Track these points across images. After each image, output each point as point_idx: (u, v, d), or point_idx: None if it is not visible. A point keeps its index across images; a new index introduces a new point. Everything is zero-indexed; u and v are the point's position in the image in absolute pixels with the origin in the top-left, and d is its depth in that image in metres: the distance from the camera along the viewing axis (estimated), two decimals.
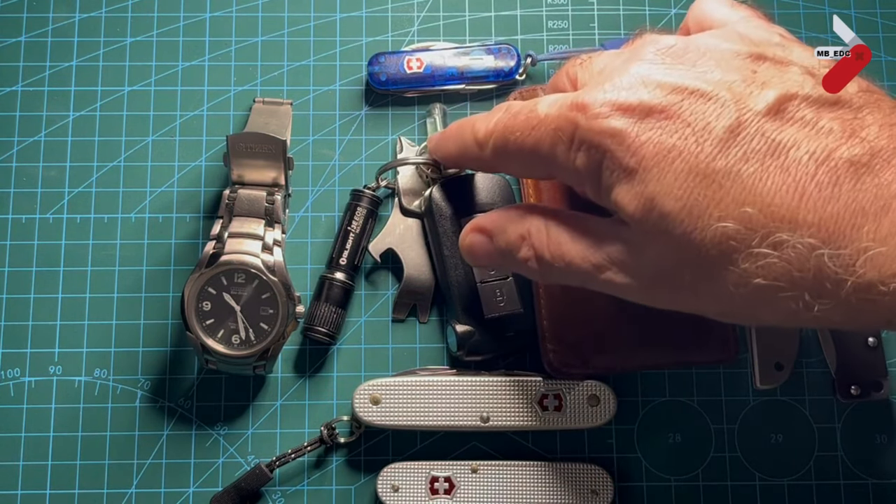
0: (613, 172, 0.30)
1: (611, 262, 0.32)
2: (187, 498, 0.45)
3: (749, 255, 0.28)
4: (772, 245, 0.28)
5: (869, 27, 0.51)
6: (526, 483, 0.43)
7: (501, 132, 0.34)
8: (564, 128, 0.32)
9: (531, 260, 0.34)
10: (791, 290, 0.28)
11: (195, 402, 0.46)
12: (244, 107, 0.49)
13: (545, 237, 0.34)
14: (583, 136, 0.31)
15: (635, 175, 0.30)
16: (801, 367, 0.47)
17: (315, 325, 0.45)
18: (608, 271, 0.32)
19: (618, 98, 0.31)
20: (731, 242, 0.28)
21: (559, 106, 0.32)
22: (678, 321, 0.44)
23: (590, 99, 0.31)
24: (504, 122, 0.34)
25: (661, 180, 0.29)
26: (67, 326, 0.46)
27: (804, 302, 0.28)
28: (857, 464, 0.46)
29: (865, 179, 0.27)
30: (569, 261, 0.33)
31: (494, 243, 0.36)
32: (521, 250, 0.35)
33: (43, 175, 0.48)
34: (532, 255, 0.34)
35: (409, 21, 0.50)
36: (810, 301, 0.28)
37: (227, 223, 0.43)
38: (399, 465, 0.44)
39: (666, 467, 0.46)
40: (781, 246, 0.28)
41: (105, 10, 0.50)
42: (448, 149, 0.39)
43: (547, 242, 0.34)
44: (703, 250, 0.29)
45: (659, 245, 0.30)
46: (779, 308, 0.29)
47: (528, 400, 0.44)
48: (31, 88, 0.49)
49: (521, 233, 0.35)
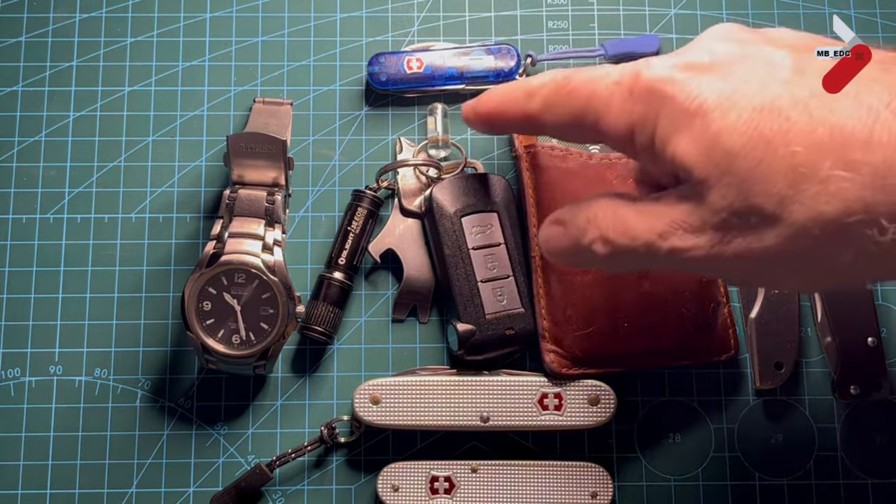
0: (673, 120, 0.30)
1: (675, 225, 0.31)
2: (187, 498, 0.45)
3: (819, 180, 0.27)
4: (844, 166, 0.27)
5: (869, 27, 0.51)
6: (526, 483, 0.44)
7: (559, 82, 0.34)
8: (625, 80, 0.32)
9: (597, 242, 0.33)
10: (865, 214, 0.27)
11: (195, 402, 0.46)
12: (244, 107, 0.49)
13: (611, 217, 0.33)
14: (643, 84, 0.31)
15: (696, 118, 0.29)
16: (801, 367, 0.47)
17: (312, 324, 0.45)
18: (673, 237, 0.31)
19: (680, 59, 0.31)
20: (801, 169, 0.27)
21: (622, 66, 0.33)
22: (678, 321, 0.45)
23: (654, 59, 0.32)
24: (564, 73, 0.34)
25: (724, 119, 0.29)
26: (67, 326, 0.46)
27: (880, 227, 0.27)
28: (857, 464, 0.46)
29: None
30: (633, 235, 0.32)
31: (567, 232, 0.35)
32: (587, 234, 0.34)
33: (43, 175, 0.48)
34: (598, 237, 0.33)
35: (409, 21, 0.50)
36: (886, 226, 0.26)
37: (228, 223, 0.43)
38: (399, 464, 0.44)
39: (666, 467, 0.46)
40: (855, 166, 0.27)
41: (105, 10, 0.50)
42: (489, 102, 0.37)
43: (613, 221, 0.33)
44: (770, 184, 0.28)
45: (722, 188, 0.29)
46: (850, 240, 0.27)
47: (528, 400, 0.44)
48: (31, 88, 0.49)
49: (587, 216, 0.34)
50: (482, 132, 0.40)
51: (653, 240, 0.31)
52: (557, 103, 0.34)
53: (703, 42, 0.32)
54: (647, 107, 0.31)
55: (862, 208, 0.27)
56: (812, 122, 0.28)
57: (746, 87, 0.29)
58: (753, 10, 0.51)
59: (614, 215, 0.33)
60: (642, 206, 0.32)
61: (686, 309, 0.45)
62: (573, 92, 0.33)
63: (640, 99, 0.31)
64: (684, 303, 0.45)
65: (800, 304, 0.46)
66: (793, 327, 0.46)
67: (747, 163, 0.28)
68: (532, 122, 0.36)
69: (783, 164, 0.28)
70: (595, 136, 0.33)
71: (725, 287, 0.46)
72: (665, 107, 0.30)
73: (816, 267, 0.29)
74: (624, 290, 0.44)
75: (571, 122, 0.34)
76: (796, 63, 0.29)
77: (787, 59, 0.30)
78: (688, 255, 0.31)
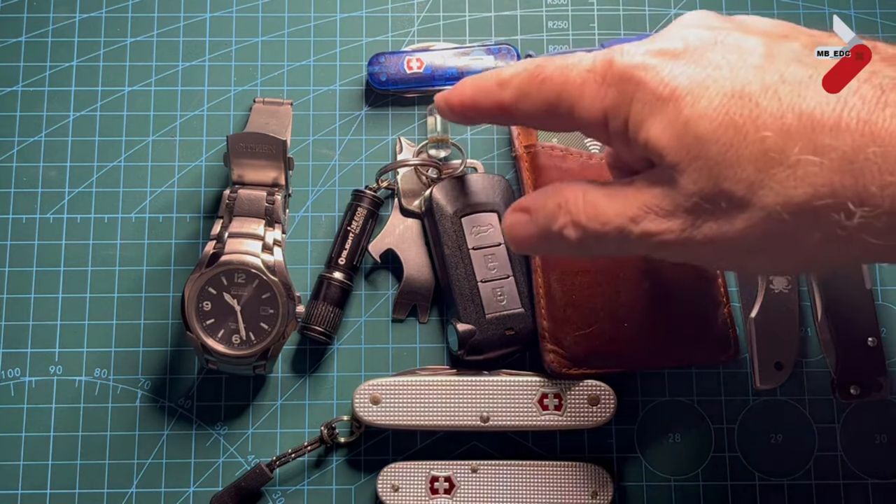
0: (645, 105, 0.30)
1: (646, 209, 0.31)
2: (187, 498, 0.45)
3: (788, 165, 0.28)
4: (813, 150, 0.27)
5: (869, 27, 0.51)
6: (526, 483, 0.44)
7: (531, 71, 0.34)
8: (598, 67, 0.32)
9: (568, 227, 0.33)
10: (832, 198, 0.27)
11: (195, 402, 0.46)
12: (244, 107, 0.49)
13: (581, 201, 0.33)
14: (616, 71, 0.31)
15: (668, 104, 0.30)
16: (801, 367, 0.47)
17: (312, 324, 0.45)
18: (644, 220, 0.31)
19: (653, 46, 0.31)
20: (770, 154, 0.28)
21: (594, 53, 0.33)
22: (678, 321, 0.45)
23: (627, 46, 0.32)
24: (535, 62, 0.34)
25: (695, 105, 0.29)
26: (67, 326, 0.46)
27: (846, 211, 0.27)
28: (857, 464, 0.46)
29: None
30: (604, 220, 0.32)
31: (534, 220, 0.35)
32: (558, 219, 0.34)
33: (43, 175, 0.48)
34: (569, 222, 0.33)
35: (409, 21, 0.50)
36: (853, 210, 0.27)
37: (228, 223, 0.43)
38: (399, 465, 0.44)
39: (666, 467, 0.46)
40: (823, 151, 0.27)
41: (105, 10, 0.50)
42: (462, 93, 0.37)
43: (583, 206, 0.33)
44: (740, 168, 0.28)
45: (693, 172, 0.29)
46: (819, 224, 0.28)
47: (528, 400, 0.44)
48: (31, 88, 0.49)
49: (557, 201, 0.34)
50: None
51: (624, 224, 0.32)
52: (531, 92, 0.34)
53: (677, 29, 0.32)
54: (621, 93, 0.31)
55: (830, 192, 0.27)
56: (781, 108, 0.28)
57: (718, 73, 0.30)
58: (753, 10, 0.51)
59: (585, 200, 0.33)
60: (613, 190, 0.33)
61: (686, 309, 0.45)
62: (546, 80, 0.33)
63: (614, 85, 0.31)
64: (684, 303, 0.45)
65: (800, 304, 0.46)
66: (793, 327, 0.46)
67: (718, 147, 0.29)
68: (506, 112, 0.35)
69: (753, 150, 0.28)
70: (570, 123, 0.34)
71: (725, 287, 0.46)
72: (638, 92, 0.31)
73: (786, 250, 0.30)
74: (624, 291, 0.44)
75: (546, 110, 0.34)
76: (767, 49, 0.30)
77: (759, 45, 0.30)
78: (659, 239, 0.31)
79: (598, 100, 0.32)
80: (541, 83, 0.33)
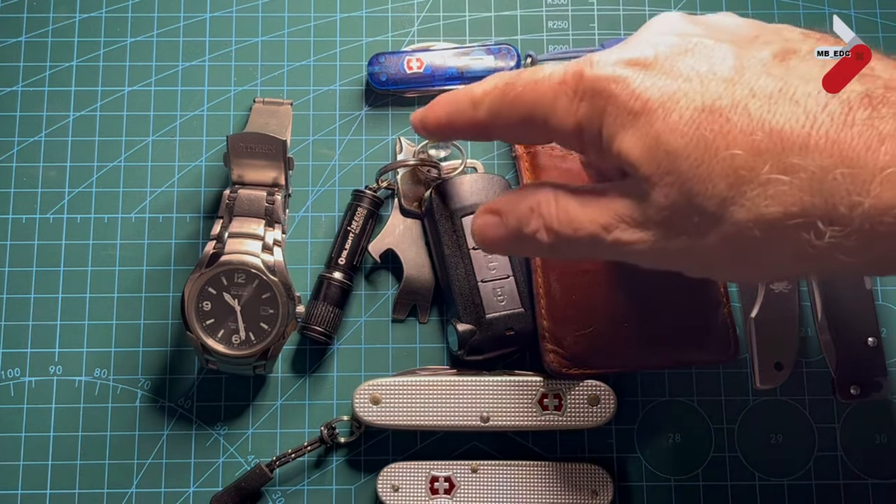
0: (617, 118, 0.30)
1: (618, 218, 0.31)
2: (187, 498, 0.45)
3: (759, 183, 0.28)
4: (782, 170, 0.27)
5: (869, 27, 0.51)
6: (526, 483, 0.44)
7: (502, 88, 0.34)
8: (569, 80, 0.32)
9: (540, 231, 0.33)
10: (803, 217, 0.27)
11: (195, 402, 0.46)
12: (244, 107, 0.49)
13: (553, 206, 0.33)
14: (587, 84, 0.31)
15: (640, 117, 0.30)
16: (801, 367, 0.47)
17: (312, 325, 0.45)
18: (616, 230, 0.31)
19: (623, 55, 0.31)
20: (741, 172, 0.28)
21: (565, 65, 0.33)
22: (678, 321, 0.45)
23: (597, 56, 0.32)
24: (506, 79, 0.34)
25: (666, 119, 0.29)
26: (67, 326, 0.46)
27: (816, 231, 0.27)
28: (857, 464, 0.46)
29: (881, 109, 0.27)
30: (577, 226, 0.32)
31: (505, 222, 0.35)
32: (530, 223, 0.34)
33: (43, 175, 0.48)
34: (541, 226, 0.33)
35: (409, 21, 0.50)
36: (823, 229, 0.27)
37: (228, 223, 0.43)
38: (399, 465, 0.44)
39: (666, 467, 0.46)
40: (793, 170, 0.27)
41: (105, 10, 0.50)
42: (436, 113, 0.37)
43: (556, 211, 0.33)
44: (711, 184, 0.28)
45: (665, 186, 0.30)
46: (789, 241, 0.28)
47: (528, 400, 0.44)
48: (31, 88, 0.49)
49: (530, 205, 0.34)
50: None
51: (596, 231, 0.32)
52: (503, 110, 0.34)
53: (646, 35, 0.32)
54: (592, 105, 0.31)
55: (800, 212, 0.27)
56: (751, 125, 0.28)
57: (688, 86, 0.30)
58: (753, 10, 0.51)
59: (557, 205, 0.33)
60: (585, 197, 0.33)
61: (686, 309, 0.45)
62: (518, 98, 0.33)
63: (585, 98, 0.32)
64: (684, 303, 0.45)
65: (800, 304, 0.46)
66: (793, 327, 0.46)
67: (689, 163, 0.29)
68: (481, 131, 0.36)
69: (724, 166, 0.28)
70: (545, 136, 0.34)
71: (725, 287, 0.46)
72: (609, 105, 0.31)
73: (758, 263, 0.30)
74: (624, 290, 0.44)
75: (520, 126, 0.34)
76: (737, 60, 0.30)
77: (729, 55, 0.30)
78: (631, 249, 0.31)
79: (571, 113, 0.32)
80: (513, 100, 0.34)
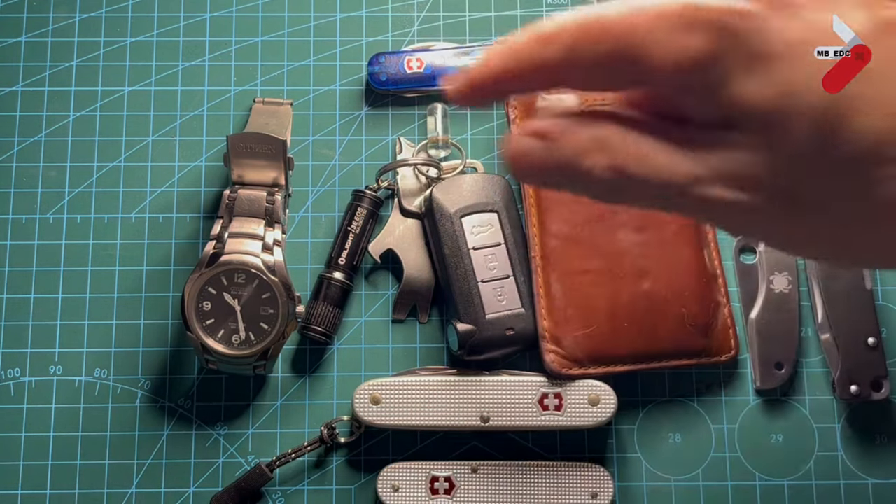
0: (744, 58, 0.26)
1: (716, 174, 0.27)
2: (187, 498, 0.45)
3: None
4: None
5: None
6: (526, 483, 0.44)
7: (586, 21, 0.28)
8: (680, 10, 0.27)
9: (602, 168, 0.28)
10: None
11: (195, 402, 0.46)
12: (244, 107, 0.49)
13: (631, 145, 0.28)
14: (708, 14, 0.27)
15: (774, 61, 0.26)
16: (801, 367, 0.47)
17: (312, 325, 0.45)
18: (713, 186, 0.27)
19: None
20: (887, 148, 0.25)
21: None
22: (678, 321, 0.45)
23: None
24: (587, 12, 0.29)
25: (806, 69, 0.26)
26: (67, 326, 0.46)
27: None
28: (857, 464, 0.46)
29: None
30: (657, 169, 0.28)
31: (555, 149, 0.29)
32: (590, 156, 0.28)
33: (43, 175, 0.48)
34: (605, 163, 0.28)
35: (409, 21, 0.50)
36: None
37: (228, 223, 0.43)
38: (399, 465, 0.44)
39: (666, 467, 0.46)
40: None
41: (105, 10, 0.50)
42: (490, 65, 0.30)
43: (635, 151, 0.28)
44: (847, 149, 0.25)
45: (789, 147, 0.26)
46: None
47: (528, 400, 0.44)
48: (31, 88, 0.49)
49: (595, 135, 0.29)
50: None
51: (680, 182, 0.27)
52: (584, 47, 0.28)
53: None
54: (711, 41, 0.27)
55: None
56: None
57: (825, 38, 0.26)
58: None
59: (635, 146, 0.28)
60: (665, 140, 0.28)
61: (686, 309, 0.45)
62: (605, 30, 0.28)
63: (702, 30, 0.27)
64: (684, 303, 0.45)
65: (800, 304, 0.46)
66: (793, 327, 0.46)
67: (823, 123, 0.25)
68: (550, 75, 0.29)
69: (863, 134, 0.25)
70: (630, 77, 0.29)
71: (725, 287, 0.46)
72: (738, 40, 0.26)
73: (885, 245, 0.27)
74: (624, 291, 0.44)
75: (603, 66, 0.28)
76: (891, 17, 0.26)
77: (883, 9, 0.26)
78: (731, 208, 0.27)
79: (678, 46, 0.27)
80: (598, 35, 0.28)
